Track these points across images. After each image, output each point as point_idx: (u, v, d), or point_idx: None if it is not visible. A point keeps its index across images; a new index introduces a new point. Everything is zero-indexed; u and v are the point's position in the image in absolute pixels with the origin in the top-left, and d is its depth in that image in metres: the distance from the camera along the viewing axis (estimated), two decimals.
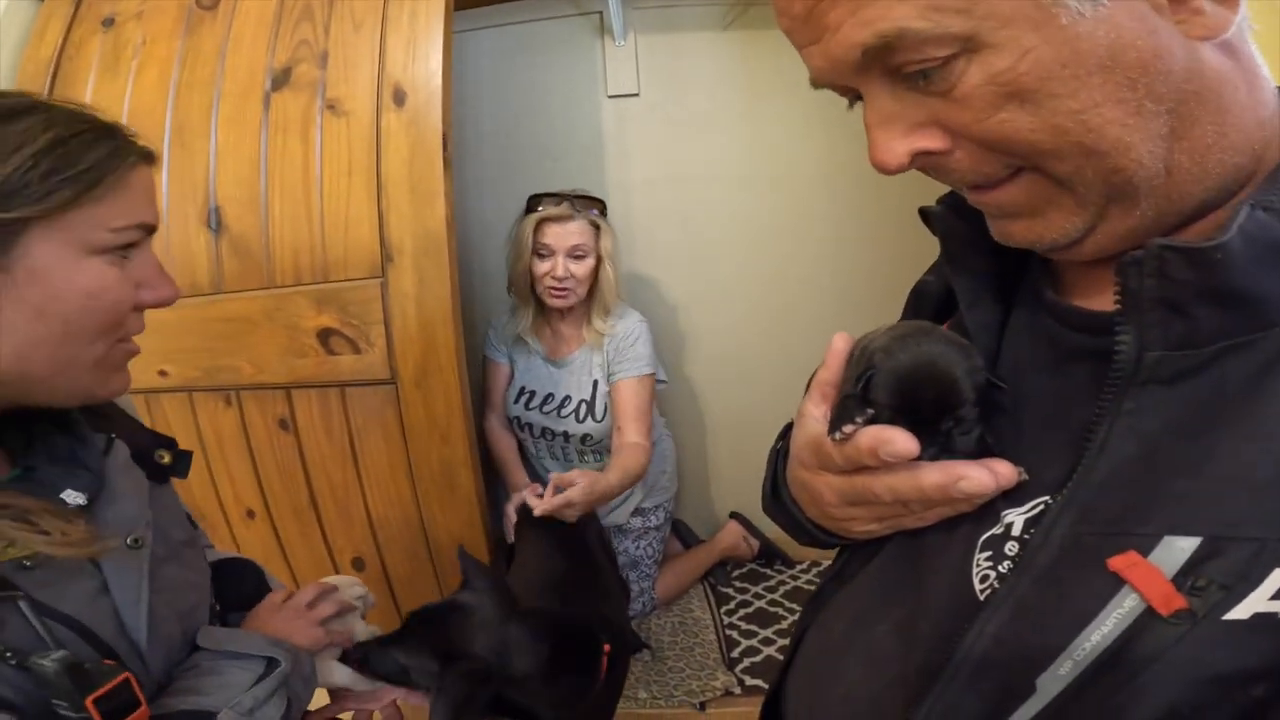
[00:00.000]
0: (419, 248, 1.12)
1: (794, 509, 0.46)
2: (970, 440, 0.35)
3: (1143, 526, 0.28)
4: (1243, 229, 0.27)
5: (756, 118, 1.63)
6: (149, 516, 0.51)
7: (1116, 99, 0.28)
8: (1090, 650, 0.28)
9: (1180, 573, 0.27)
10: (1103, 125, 0.29)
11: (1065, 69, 0.28)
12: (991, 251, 0.38)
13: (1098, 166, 0.29)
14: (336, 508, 1.24)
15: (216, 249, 1.14)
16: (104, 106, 1.15)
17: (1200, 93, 0.29)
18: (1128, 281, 0.29)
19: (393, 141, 1.12)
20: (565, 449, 1.47)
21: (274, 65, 1.15)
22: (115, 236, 0.45)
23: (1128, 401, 0.30)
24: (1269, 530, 0.26)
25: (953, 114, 0.31)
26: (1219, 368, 0.29)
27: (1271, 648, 0.25)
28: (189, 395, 1.20)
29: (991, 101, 0.29)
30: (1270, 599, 0.25)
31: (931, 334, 0.37)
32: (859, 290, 1.63)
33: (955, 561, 0.35)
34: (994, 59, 0.28)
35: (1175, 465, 0.29)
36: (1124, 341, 0.30)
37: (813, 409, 0.41)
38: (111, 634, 0.46)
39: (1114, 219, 0.31)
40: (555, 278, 1.34)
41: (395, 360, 1.14)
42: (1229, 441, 0.28)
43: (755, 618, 1.47)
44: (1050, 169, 0.30)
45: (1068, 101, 0.28)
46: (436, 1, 1.13)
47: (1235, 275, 0.27)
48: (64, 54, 1.19)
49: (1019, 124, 0.29)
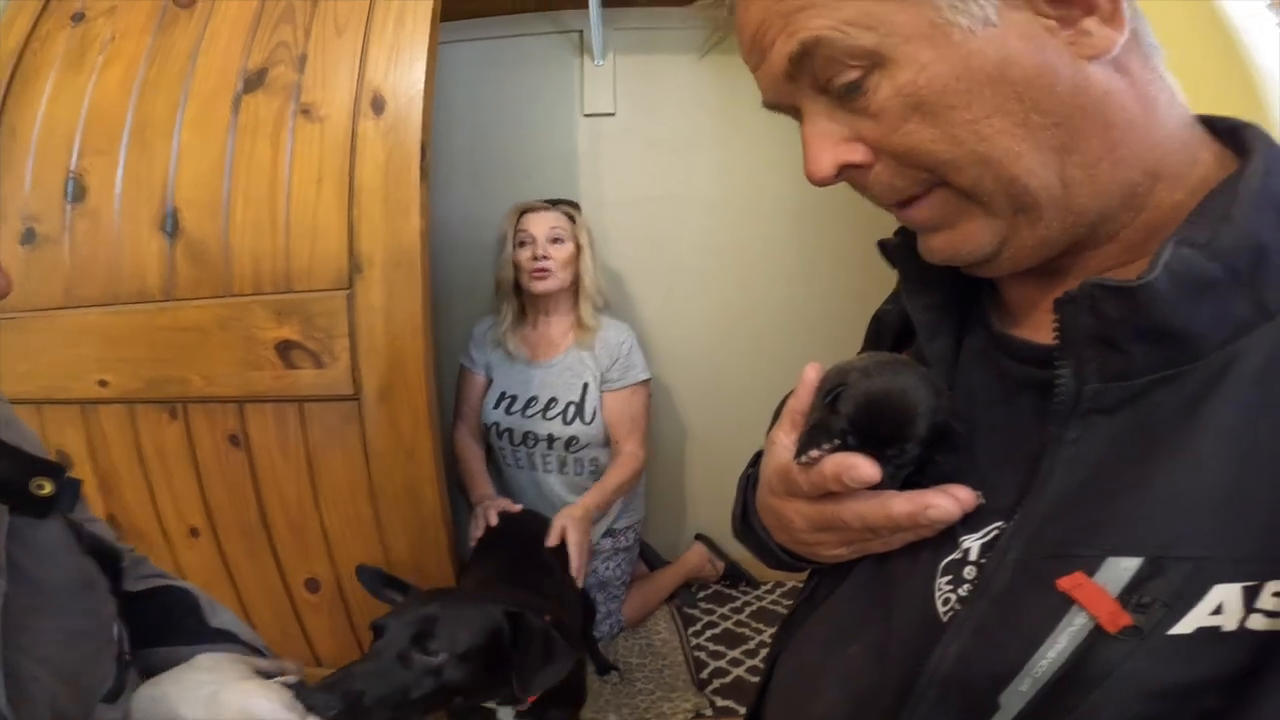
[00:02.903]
0: (390, 259, 1.09)
1: (764, 534, 0.47)
2: (907, 469, 0.37)
3: (1088, 548, 0.29)
4: (1168, 266, 0.29)
5: (730, 142, 1.67)
6: (2, 561, 0.43)
7: (1005, 111, 0.31)
8: (1046, 667, 0.29)
9: (1125, 591, 0.28)
10: (993, 135, 0.31)
11: (959, 82, 0.31)
12: (947, 283, 0.40)
13: (994, 176, 0.32)
14: (290, 527, 1.18)
15: (170, 254, 1.08)
16: (63, 102, 1.12)
17: (1086, 109, 0.31)
18: (1065, 318, 0.32)
19: (368, 149, 1.09)
20: (546, 456, 1.45)
21: (248, 67, 1.11)
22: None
23: (1070, 431, 0.32)
24: (1205, 549, 0.27)
25: (871, 128, 0.34)
26: (1153, 398, 0.30)
27: (1217, 660, 0.26)
28: (129, 407, 1.12)
29: (899, 113, 0.32)
30: (1211, 614, 0.26)
31: (909, 367, 0.38)
32: (828, 314, 1.67)
33: (919, 585, 0.36)
34: (898, 73, 0.32)
35: (1116, 490, 0.30)
36: (1063, 375, 0.32)
37: (782, 437, 0.41)
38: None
39: (1022, 230, 0.33)
40: (534, 258, 1.40)
41: (359, 375, 1.10)
42: (1164, 467, 0.29)
43: (723, 638, 1.47)
44: (955, 180, 0.33)
45: (961, 113, 0.31)
46: (424, 10, 1.12)
47: (1162, 311, 0.29)
48: (28, 47, 1.13)
49: (922, 135, 0.32)
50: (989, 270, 0.36)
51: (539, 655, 0.72)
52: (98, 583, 0.54)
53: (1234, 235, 0.29)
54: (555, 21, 1.69)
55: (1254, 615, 0.26)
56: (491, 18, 1.66)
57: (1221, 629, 0.26)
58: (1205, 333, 0.29)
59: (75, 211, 1.12)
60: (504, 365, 1.47)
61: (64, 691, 0.45)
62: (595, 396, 1.43)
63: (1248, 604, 0.26)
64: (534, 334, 1.47)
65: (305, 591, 1.21)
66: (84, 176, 1.11)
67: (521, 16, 1.68)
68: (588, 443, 1.43)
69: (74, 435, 1.13)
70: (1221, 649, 0.26)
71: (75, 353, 1.11)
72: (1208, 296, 0.29)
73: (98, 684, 0.48)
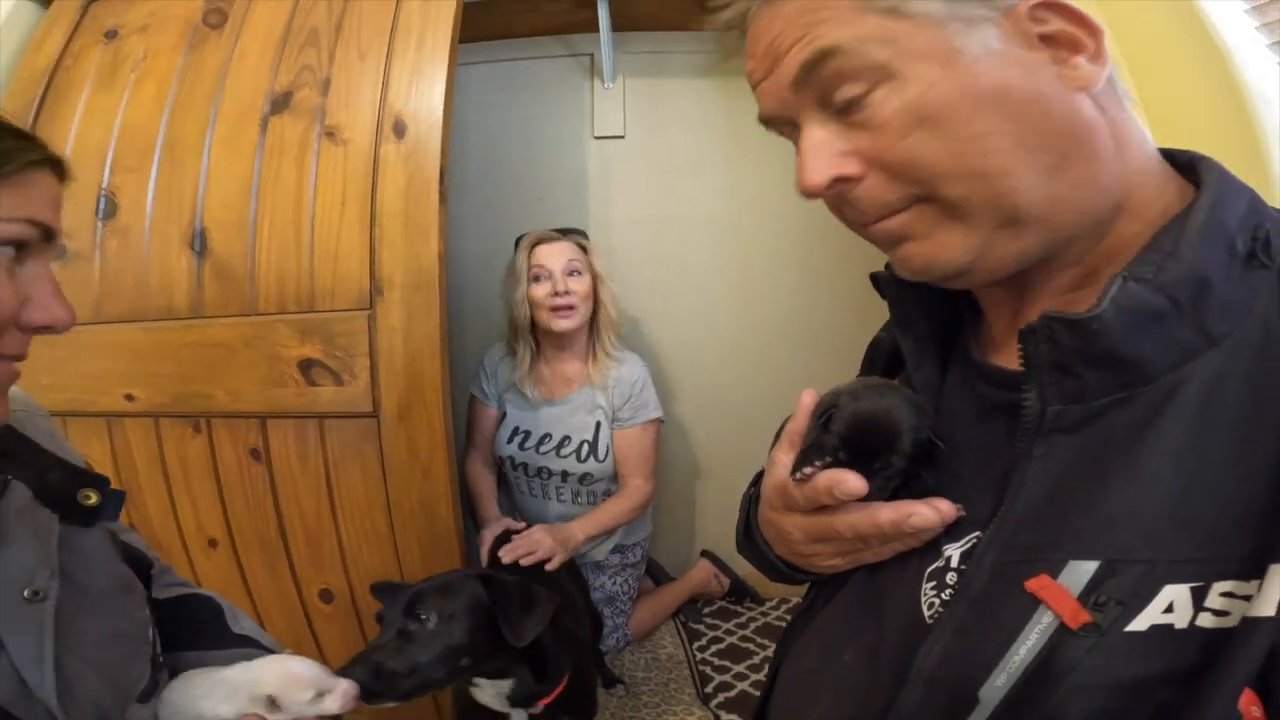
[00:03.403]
0: (409, 282, 1.12)
1: (765, 548, 0.50)
2: (894, 481, 0.41)
3: (1053, 553, 0.32)
4: (1115, 300, 0.32)
5: (738, 164, 1.69)
6: (54, 566, 0.46)
7: (1002, 131, 0.34)
8: (1019, 663, 0.31)
9: (1084, 591, 0.31)
10: (991, 151, 0.34)
11: (963, 101, 0.34)
12: (934, 315, 0.44)
13: (986, 190, 0.34)
14: (307, 540, 1.20)
15: (198, 272, 1.11)
16: (96, 119, 1.15)
17: (1075, 134, 0.35)
18: (1027, 347, 0.35)
19: (390, 173, 1.12)
20: (560, 489, 1.47)
21: (275, 89, 1.14)
22: (4, 227, 0.41)
23: (1037, 448, 0.35)
24: (1155, 553, 0.30)
25: (868, 142, 0.36)
26: (1110, 418, 0.33)
27: (1171, 656, 0.29)
28: (155, 421, 1.15)
29: (903, 126, 0.35)
30: (1164, 612, 0.29)
31: (895, 390, 0.42)
32: (833, 334, 1.70)
33: (907, 592, 0.38)
34: (906, 88, 0.34)
35: (1077, 500, 0.33)
36: (1029, 398, 0.35)
37: (781, 457, 0.45)
38: (11, 697, 0.42)
39: (1002, 244, 0.36)
40: (556, 294, 1.36)
41: (379, 393, 1.13)
42: (1120, 481, 0.32)
43: (728, 653, 1.48)
44: (945, 193, 0.35)
45: (964, 128, 0.34)
46: (443, 34, 1.14)
47: (1110, 341, 0.32)
48: (61, 64, 1.15)
49: (925, 147, 0.34)
50: (962, 282, 0.39)
51: (519, 605, 0.81)
52: (135, 588, 0.57)
53: (1178, 269, 0.32)
54: (566, 45, 1.72)
55: (1203, 614, 0.29)
56: (503, 40, 1.69)
57: (1174, 626, 0.29)
58: (1153, 359, 0.32)
59: (106, 228, 1.15)
60: (518, 401, 1.46)
61: (105, 689, 0.48)
62: (608, 434, 1.43)
63: (1197, 604, 0.29)
64: (548, 371, 1.47)
65: (319, 602, 1.24)
66: (115, 194, 1.14)
67: (533, 40, 1.71)
68: (601, 478, 1.45)
69: (99, 447, 1.16)
70: (1174, 645, 0.29)
71: (103, 367, 1.13)
72: (1154, 326, 0.32)
73: (134, 683, 0.51)
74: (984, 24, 0.34)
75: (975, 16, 0.34)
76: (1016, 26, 0.34)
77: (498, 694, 0.89)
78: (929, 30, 0.34)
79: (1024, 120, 0.34)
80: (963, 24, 0.34)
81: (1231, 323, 0.32)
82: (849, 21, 0.35)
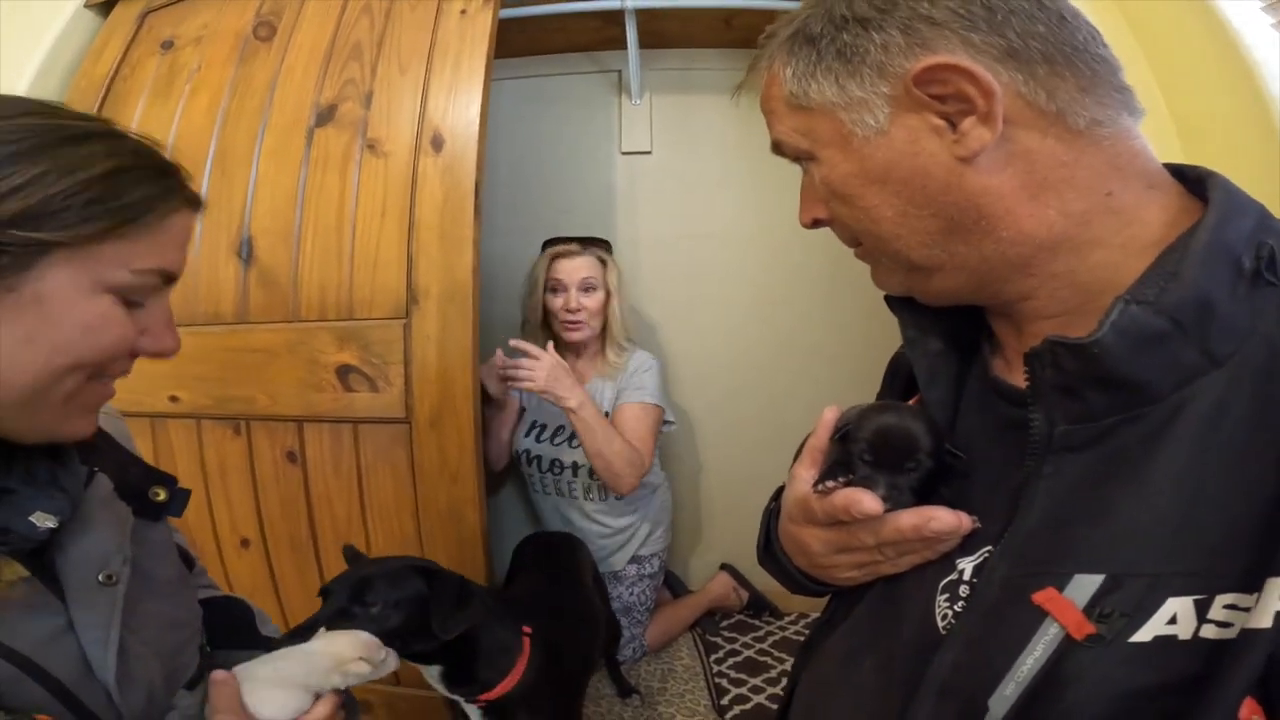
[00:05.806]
0: (444, 292, 1.15)
1: (785, 560, 0.52)
2: (915, 491, 0.42)
3: (1060, 567, 0.34)
4: (1115, 324, 0.32)
5: (763, 181, 1.71)
6: (127, 553, 0.49)
7: (889, 204, 0.39)
8: (1027, 673, 0.33)
9: (1089, 604, 0.32)
10: (880, 220, 0.40)
11: (855, 179, 0.40)
12: (945, 334, 0.46)
13: (885, 248, 0.41)
14: (336, 541, 1.22)
15: (245, 279, 1.15)
16: (152, 128, 1.19)
17: (959, 203, 0.38)
18: (1032, 369, 0.36)
19: (427, 186, 1.16)
20: (571, 483, 1.49)
21: (320, 101, 1.18)
22: (134, 278, 0.42)
23: (1047, 466, 0.36)
24: (1158, 567, 0.31)
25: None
26: (1118, 437, 0.34)
27: (1175, 666, 0.30)
28: (197, 422, 1.18)
29: (824, 195, 0.43)
30: (1167, 624, 0.30)
31: (910, 409, 0.45)
32: (856, 353, 1.70)
33: (922, 604, 0.40)
34: (820, 169, 0.42)
35: (1084, 516, 0.34)
36: (1036, 418, 0.37)
37: (802, 471, 0.46)
38: (73, 676, 0.44)
39: (920, 283, 0.43)
40: (568, 310, 1.42)
41: (412, 400, 1.15)
42: (1127, 498, 0.33)
43: (744, 666, 1.49)
44: (862, 244, 0.43)
45: (860, 201, 0.40)
46: (479, 50, 1.18)
47: (1112, 364, 0.33)
48: (119, 73, 1.20)
49: (840, 212, 0.42)
50: (929, 301, 0.44)
51: (452, 601, 0.86)
52: (189, 581, 0.61)
53: (1180, 291, 0.32)
54: (595, 61, 1.76)
55: (1206, 625, 0.30)
56: (533, 56, 1.73)
57: (1177, 637, 0.30)
58: (1158, 380, 0.33)
59: None
60: (535, 396, 1.50)
61: (159, 674, 0.50)
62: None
63: (1200, 615, 0.30)
64: None
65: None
66: None
67: (562, 56, 1.75)
68: None
69: (143, 446, 1.17)
70: (1178, 656, 0.30)
71: (150, 369, 1.13)
72: (1157, 348, 0.33)
73: (184, 670, 0.53)
74: (874, 101, 0.38)
75: (862, 98, 0.38)
76: (908, 95, 0.37)
77: (430, 675, 0.94)
78: (829, 118, 0.40)
79: (907, 194, 0.39)
80: (853, 107, 0.39)
81: (1235, 343, 0.32)
82: (783, 116, 0.43)
